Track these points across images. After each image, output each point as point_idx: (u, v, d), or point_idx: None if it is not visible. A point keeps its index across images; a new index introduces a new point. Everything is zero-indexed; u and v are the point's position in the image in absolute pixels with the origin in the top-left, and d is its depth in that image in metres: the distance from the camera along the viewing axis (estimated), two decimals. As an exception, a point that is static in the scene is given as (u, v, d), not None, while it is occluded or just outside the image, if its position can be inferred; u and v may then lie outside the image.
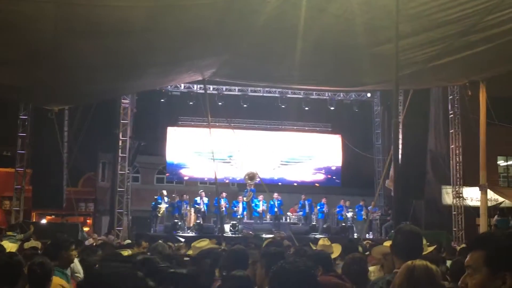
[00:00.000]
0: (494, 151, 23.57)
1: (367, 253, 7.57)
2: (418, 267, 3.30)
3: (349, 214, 23.68)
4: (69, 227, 18.49)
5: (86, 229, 26.90)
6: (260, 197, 23.32)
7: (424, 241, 4.76)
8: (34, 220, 24.28)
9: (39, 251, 8.18)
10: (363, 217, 23.34)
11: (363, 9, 9.52)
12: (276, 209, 22.87)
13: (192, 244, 7.40)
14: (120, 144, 22.80)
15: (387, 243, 6.74)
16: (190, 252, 7.39)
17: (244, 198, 23.37)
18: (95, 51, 10.39)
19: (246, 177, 23.76)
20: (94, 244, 13.73)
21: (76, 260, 6.98)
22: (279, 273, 3.37)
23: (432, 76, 14.59)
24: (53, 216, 29.45)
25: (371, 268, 6.27)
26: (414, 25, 10.06)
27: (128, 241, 15.06)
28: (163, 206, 22.37)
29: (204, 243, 7.26)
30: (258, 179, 22.63)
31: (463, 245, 5.06)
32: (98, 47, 10.18)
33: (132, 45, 10.42)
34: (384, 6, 9.08)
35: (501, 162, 28.61)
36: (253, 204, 23.34)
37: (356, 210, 23.96)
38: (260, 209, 23.22)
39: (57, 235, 7.19)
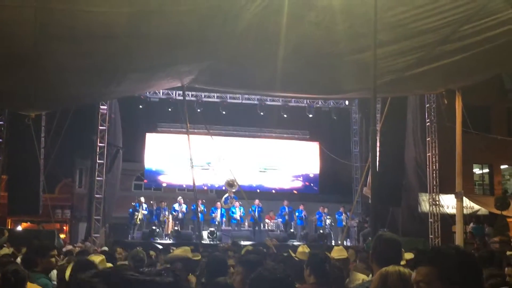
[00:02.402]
0: (470, 159, 23.84)
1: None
2: (391, 273, 3.33)
3: (328, 221, 23.77)
4: (45, 234, 18.29)
5: (62, 236, 26.68)
6: (236, 204, 23.28)
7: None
8: (9, 227, 23.96)
9: (18, 258, 8.07)
10: (343, 223, 23.43)
11: (343, 17, 9.60)
12: (256, 216, 22.87)
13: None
14: (97, 150, 22.63)
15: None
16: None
17: (225, 205, 23.32)
18: (75, 56, 10.32)
19: (227, 184, 23.73)
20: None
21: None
22: (258, 281, 3.37)
23: (410, 84, 14.73)
24: (29, 223, 29.10)
25: (360, 276, 6.30)
26: (392, 33, 10.16)
27: (105, 248, 14.93)
28: (140, 213, 22.24)
29: (178, 251, 7.25)
30: (238, 187, 22.63)
31: (411, 255, 5.07)
32: (78, 52, 10.11)
33: (112, 50, 10.36)
34: (363, 14, 9.16)
35: (477, 170, 28.98)
36: (230, 214, 23.31)
37: (336, 216, 24.06)
38: (237, 215, 23.17)
39: (34, 242, 7.09)
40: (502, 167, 28.92)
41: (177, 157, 26.41)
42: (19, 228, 26.25)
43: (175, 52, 11.25)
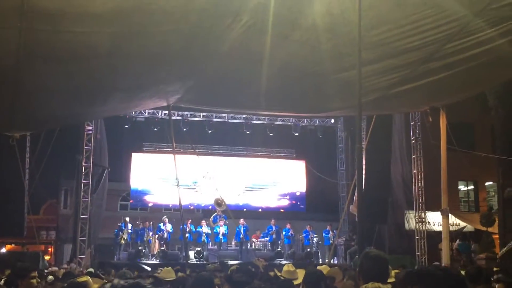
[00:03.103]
0: (455, 176, 23.98)
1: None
2: None
3: (315, 239, 23.74)
4: (30, 256, 18.10)
5: (47, 257, 26.38)
6: (221, 223, 23.20)
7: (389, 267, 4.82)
8: (-7, 249, 23.67)
9: (1, 281, 7.96)
10: (330, 241, 23.41)
11: (327, 36, 9.67)
12: (241, 235, 22.79)
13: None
14: (83, 170, 22.50)
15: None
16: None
17: (213, 224, 23.24)
18: (58, 76, 10.29)
19: (215, 203, 23.69)
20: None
21: None
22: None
23: (395, 102, 14.83)
24: (13, 245, 28.78)
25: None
26: (376, 52, 10.24)
27: (91, 269, 14.76)
28: (125, 233, 22.08)
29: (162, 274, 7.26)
30: (225, 206, 22.58)
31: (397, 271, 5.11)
32: (62, 72, 10.08)
33: (95, 70, 10.35)
34: (347, 33, 9.24)
35: (462, 187, 29.13)
36: (214, 230, 23.21)
37: (323, 234, 24.05)
38: (220, 230, 23.00)
39: (16, 264, 7.02)
40: (487, 183, 29.08)
41: (163, 177, 26.34)
42: (3, 250, 25.93)
43: (158, 72, 11.26)
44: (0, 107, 11.92)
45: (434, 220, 22.83)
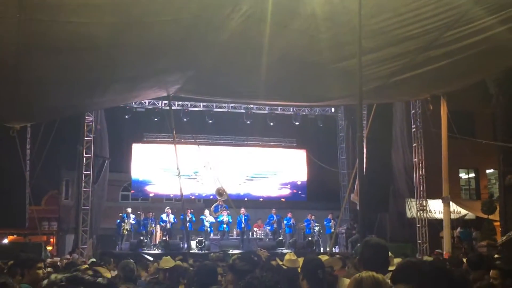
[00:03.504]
0: (456, 164, 24.00)
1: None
2: (365, 278, 3.33)
3: (316, 228, 23.77)
4: (32, 247, 18.16)
5: (49, 248, 26.47)
6: (224, 213, 23.24)
7: (390, 254, 4.84)
8: (-5, 240, 23.75)
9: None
10: (332, 230, 23.45)
11: (327, 25, 9.65)
12: (243, 225, 22.83)
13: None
14: (84, 161, 22.53)
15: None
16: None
17: (215, 214, 23.28)
18: (57, 67, 10.28)
19: (217, 192, 23.70)
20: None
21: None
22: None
23: (395, 90, 14.83)
24: (15, 236, 28.86)
25: (347, 281, 6.32)
26: (376, 40, 10.23)
27: (93, 259, 14.84)
28: (127, 223, 22.14)
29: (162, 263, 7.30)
30: (227, 196, 22.59)
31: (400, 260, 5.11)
32: (61, 63, 10.07)
33: (95, 61, 10.34)
34: (347, 22, 9.22)
35: (463, 175, 29.16)
36: (218, 219, 23.25)
37: (325, 223, 24.08)
38: (224, 219, 23.06)
39: (20, 254, 7.08)
40: (488, 171, 29.11)
41: (164, 167, 26.35)
42: (5, 241, 26.01)
43: (158, 62, 11.25)
44: (0, 98, 11.92)
45: (436, 208, 22.86)
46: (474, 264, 7.53)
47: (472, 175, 29.37)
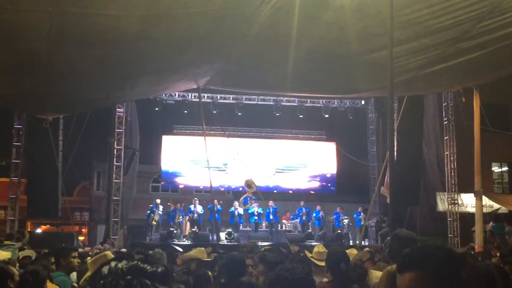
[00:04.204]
0: (489, 158, 23.64)
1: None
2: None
3: (345, 221, 23.68)
4: (64, 236, 18.47)
5: (81, 238, 26.89)
6: (255, 205, 23.30)
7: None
8: (29, 230, 24.19)
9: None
10: (361, 223, 23.33)
11: (357, 16, 9.58)
12: (271, 217, 22.86)
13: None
14: (115, 153, 22.78)
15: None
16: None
17: (244, 206, 23.35)
18: (88, 59, 10.40)
19: (245, 184, 23.75)
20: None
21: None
22: (277, 280, 3.37)
23: (426, 83, 14.65)
24: (48, 226, 29.37)
25: (378, 273, 6.33)
26: (407, 32, 10.12)
27: (124, 249, 15.01)
28: (156, 215, 22.34)
29: (192, 252, 7.31)
30: (256, 188, 22.62)
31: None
32: (91, 55, 10.19)
33: (125, 53, 10.43)
34: (377, 14, 9.14)
35: (496, 169, 28.70)
36: (249, 211, 23.32)
37: (354, 216, 23.97)
38: (255, 210, 23.11)
39: (55, 244, 7.26)
40: (522, 165, 28.64)
41: (193, 159, 26.48)
42: (39, 230, 26.50)
43: (186, 54, 11.30)
44: (33, 90, 12.11)
45: (468, 202, 22.59)
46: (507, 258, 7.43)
47: (505, 168, 28.87)
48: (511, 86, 21.65)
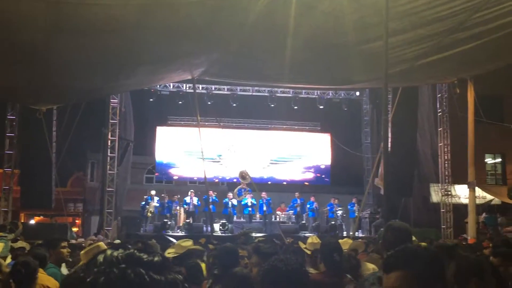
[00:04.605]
0: (482, 149, 23.70)
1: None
2: None
3: (339, 212, 23.73)
4: (58, 228, 18.41)
5: (75, 229, 26.85)
6: (249, 196, 23.31)
7: (414, 238, 4.80)
8: (22, 221, 24.12)
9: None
10: (355, 214, 23.38)
11: (353, 6, 9.54)
12: (265, 208, 22.88)
13: (177, 243, 7.36)
14: (109, 144, 22.72)
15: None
16: (171, 250, 7.35)
17: (238, 197, 23.36)
18: (85, 49, 10.34)
19: (240, 176, 23.75)
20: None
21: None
22: (270, 271, 3.35)
23: (421, 73, 14.64)
24: (41, 217, 29.32)
25: (370, 266, 6.35)
26: (403, 22, 10.09)
27: (118, 241, 14.97)
28: (151, 206, 22.33)
29: (189, 243, 7.24)
30: (250, 180, 22.61)
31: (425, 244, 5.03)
32: (88, 45, 10.13)
33: (121, 43, 10.37)
34: (373, 4, 9.11)
35: (489, 160, 28.79)
36: (242, 203, 23.34)
37: (349, 207, 24.03)
38: (248, 201, 23.13)
39: (49, 235, 7.25)
40: (515, 156, 28.71)
41: (188, 150, 26.46)
42: (32, 222, 26.42)
43: (183, 45, 11.24)
44: (26, 81, 12.04)
45: (461, 193, 22.65)
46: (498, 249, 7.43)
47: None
48: (505, 77, 21.68)
